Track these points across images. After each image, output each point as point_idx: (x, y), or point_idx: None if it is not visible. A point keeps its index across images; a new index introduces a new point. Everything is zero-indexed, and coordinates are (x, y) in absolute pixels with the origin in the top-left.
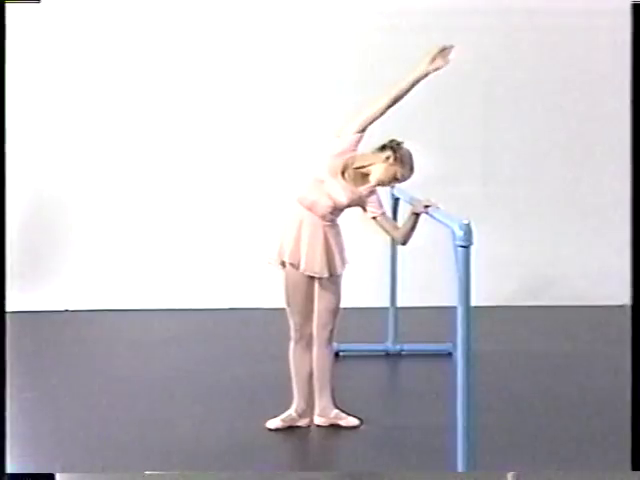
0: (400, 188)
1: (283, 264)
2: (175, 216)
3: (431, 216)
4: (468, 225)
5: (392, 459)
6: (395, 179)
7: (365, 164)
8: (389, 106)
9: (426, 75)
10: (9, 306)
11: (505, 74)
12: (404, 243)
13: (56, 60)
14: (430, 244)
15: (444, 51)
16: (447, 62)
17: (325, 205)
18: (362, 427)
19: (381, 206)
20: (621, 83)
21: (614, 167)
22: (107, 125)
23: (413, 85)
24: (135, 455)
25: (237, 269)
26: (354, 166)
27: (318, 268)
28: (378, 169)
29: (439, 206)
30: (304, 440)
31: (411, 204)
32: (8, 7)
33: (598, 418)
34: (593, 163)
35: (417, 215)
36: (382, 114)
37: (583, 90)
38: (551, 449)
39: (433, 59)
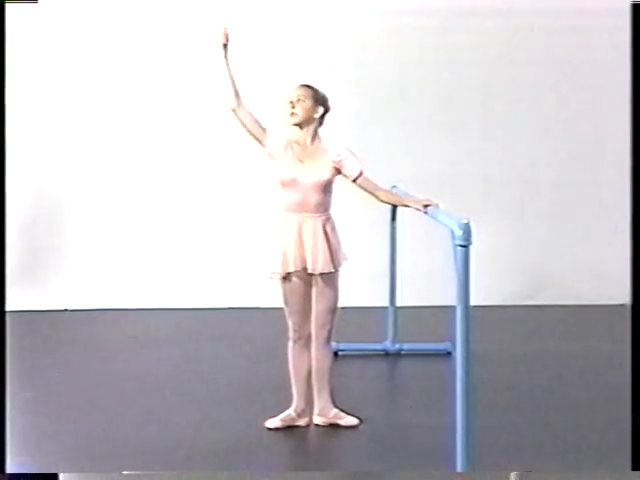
0: (400, 188)
1: (286, 276)
2: (173, 216)
3: (430, 216)
4: (467, 224)
5: (392, 458)
6: (298, 100)
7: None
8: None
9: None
10: (9, 305)
11: (505, 73)
12: (384, 202)
13: (56, 60)
14: (429, 243)
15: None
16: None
17: (314, 196)
18: (361, 426)
19: (357, 165)
20: (621, 83)
21: (614, 166)
22: (106, 128)
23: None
24: (133, 455)
25: (235, 268)
26: (294, 140)
27: (322, 264)
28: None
29: (438, 206)
30: (303, 440)
31: (411, 201)
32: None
33: (598, 418)
34: (593, 163)
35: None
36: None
37: (583, 90)
38: (550, 449)
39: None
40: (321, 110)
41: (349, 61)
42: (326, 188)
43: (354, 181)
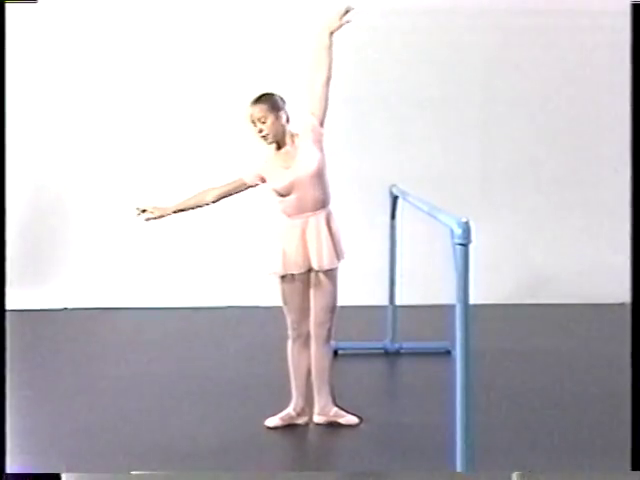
0: (399, 188)
1: (285, 275)
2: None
3: (430, 214)
4: (467, 223)
5: (392, 457)
6: (260, 121)
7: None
8: None
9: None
10: (9, 305)
11: (505, 73)
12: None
13: (56, 59)
14: (429, 242)
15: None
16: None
17: (311, 192)
18: (361, 425)
19: (305, 116)
20: (621, 83)
21: (613, 165)
22: (105, 127)
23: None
24: (133, 454)
25: (235, 267)
26: (275, 153)
27: (328, 261)
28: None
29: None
30: (303, 438)
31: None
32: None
33: (598, 418)
34: (592, 162)
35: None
36: None
37: (583, 89)
38: (550, 449)
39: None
40: (284, 115)
41: (347, 61)
42: (321, 180)
43: (322, 123)
